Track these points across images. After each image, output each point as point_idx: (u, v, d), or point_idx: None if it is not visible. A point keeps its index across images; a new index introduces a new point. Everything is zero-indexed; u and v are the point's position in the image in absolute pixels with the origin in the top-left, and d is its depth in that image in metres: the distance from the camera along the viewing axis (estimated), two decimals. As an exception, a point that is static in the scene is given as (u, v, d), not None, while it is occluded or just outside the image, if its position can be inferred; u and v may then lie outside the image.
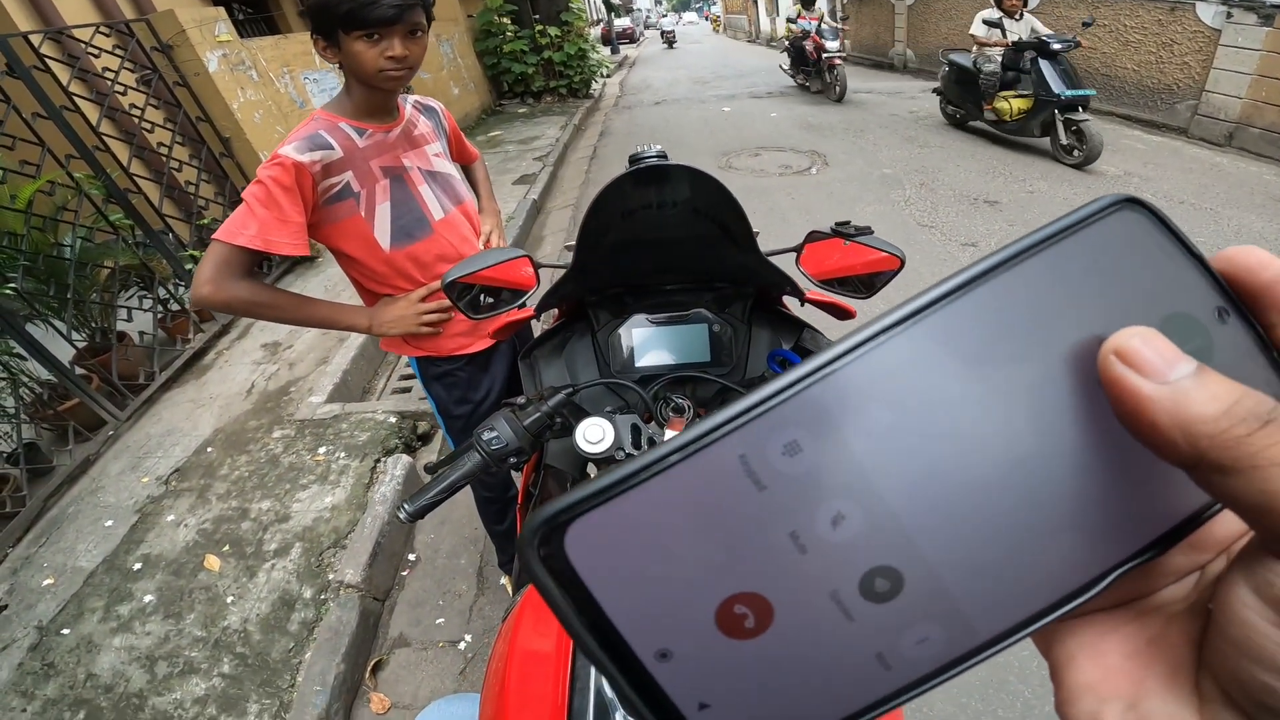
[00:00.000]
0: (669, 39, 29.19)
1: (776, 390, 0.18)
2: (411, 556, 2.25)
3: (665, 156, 1.01)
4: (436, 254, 1.41)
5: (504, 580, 2.08)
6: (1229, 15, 5.66)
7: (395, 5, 1.10)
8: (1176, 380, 0.17)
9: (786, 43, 10.72)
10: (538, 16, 11.21)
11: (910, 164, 5.91)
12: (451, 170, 1.48)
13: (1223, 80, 5.85)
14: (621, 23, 33.57)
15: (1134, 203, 0.19)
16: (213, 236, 1.19)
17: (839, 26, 9.38)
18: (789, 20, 10.33)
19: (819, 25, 9.29)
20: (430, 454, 2.66)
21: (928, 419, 0.18)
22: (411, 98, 1.46)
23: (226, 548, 2.16)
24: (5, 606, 2.05)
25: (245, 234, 1.16)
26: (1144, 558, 0.20)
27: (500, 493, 1.82)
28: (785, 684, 0.19)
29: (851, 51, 15.34)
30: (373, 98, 1.27)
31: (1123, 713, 0.19)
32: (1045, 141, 5.79)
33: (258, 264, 1.25)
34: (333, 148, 1.22)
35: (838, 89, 9.09)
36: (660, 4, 79.96)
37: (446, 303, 1.39)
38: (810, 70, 9.87)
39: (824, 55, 9.05)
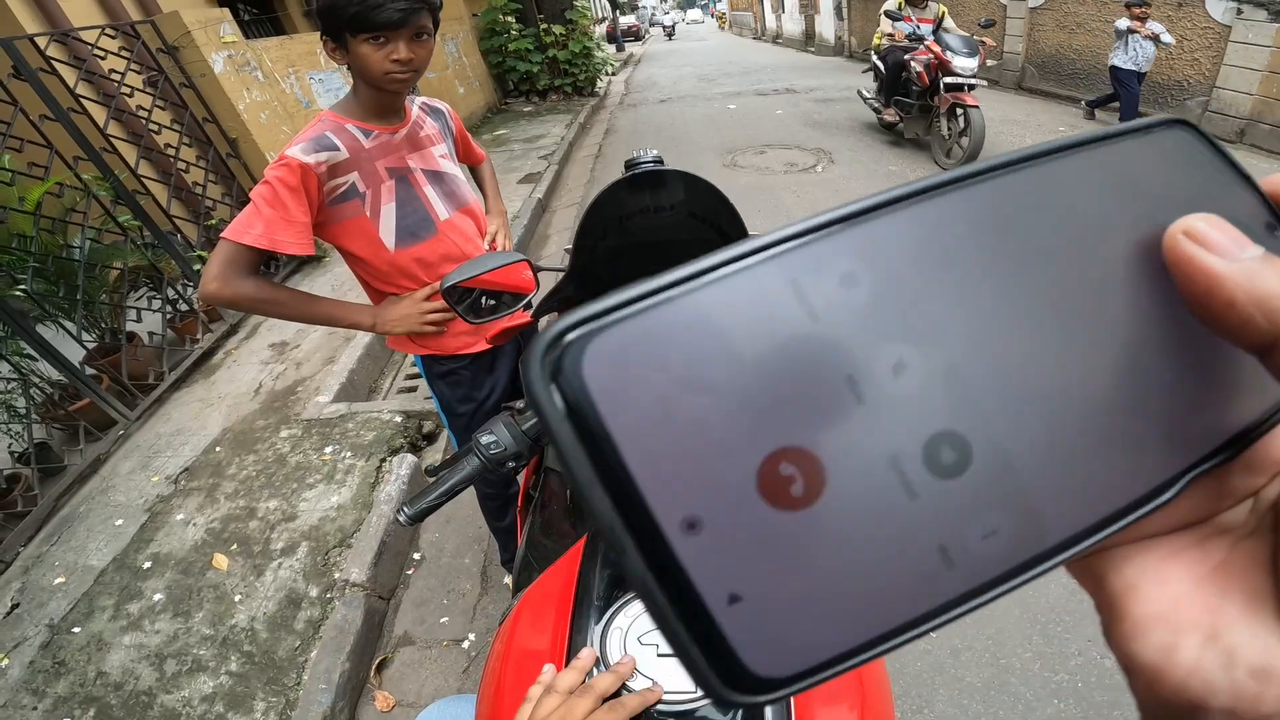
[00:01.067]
0: (669, 32, 35.67)
1: (836, 218, 0.16)
2: (416, 555, 2.27)
3: (661, 161, 1.01)
4: (441, 254, 1.42)
5: (507, 579, 2.09)
6: (1239, 12, 5.61)
7: (402, 9, 1.12)
8: (1247, 259, 0.16)
9: (875, 56, 6.49)
10: (542, 15, 11.21)
11: (917, 161, 5.88)
12: (457, 172, 1.49)
13: (1233, 77, 5.80)
14: (626, 20, 33.70)
15: (1184, 123, 0.19)
16: (220, 235, 1.21)
17: (978, 38, 5.47)
18: (887, 14, 5.94)
19: (937, 29, 5.41)
20: (436, 454, 2.67)
21: (992, 283, 0.17)
22: (419, 99, 1.47)
23: (234, 546, 2.18)
24: (17, 605, 2.08)
25: (252, 233, 1.19)
26: (1217, 459, 0.18)
27: (501, 489, 1.83)
28: (834, 576, 0.16)
29: (858, 47, 15.20)
30: (379, 99, 1.29)
31: (1203, 644, 0.17)
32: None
33: (264, 262, 1.27)
34: (339, 149, 1.24)
35: (966, 144, 4.96)
36: (665, 1, 79.80)
37: None
38: (911, 106, 5.88)
39: (945, 82, 5.11)
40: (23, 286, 2.71)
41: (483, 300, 1.06)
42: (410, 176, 1.36)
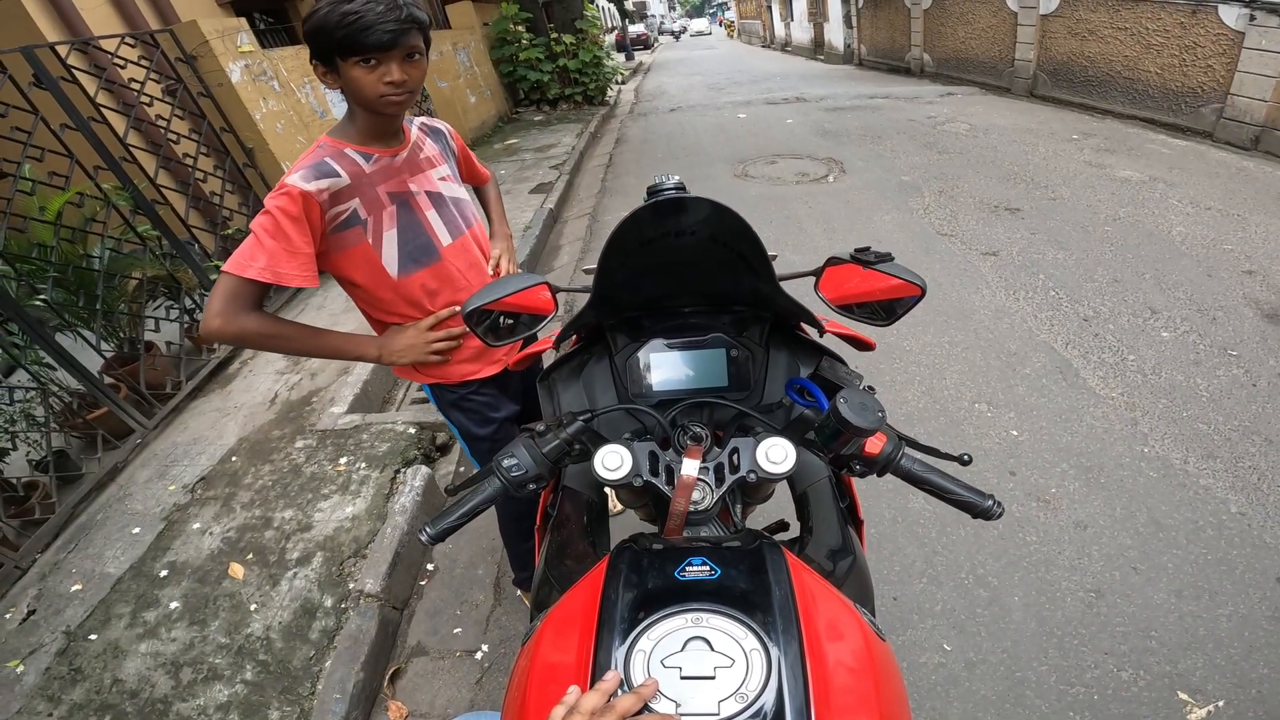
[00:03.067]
0: (676, 35, 43.76)
1: None
2: (430, 566, 2.27)
3: (684, 187, 1.02)
4: (444, 280, 1.40)
5: (519, 593, 2.09)
6: (1252, 18, 5.58)
7: (390, 30, 1.08)
8: None
9: None
10: (552, 24, 11.30)
11: (929, 171, 5.87)
12: (460, 193, 1.46)
13: (1247, 83, 5.76)
14: (636, 29, 33.95)
15: None
16: (221, 269, 1.17)
17: None
18: None
19: None
20: (449, 464, 2.68)
21: None
22: (418, 120, 1.44)
23: (250, 556, 2.20)
24: (34, 611, 2.10)
25: (254, 266, 1.15)
26: None
27: (530, 508, 1.81)
28: None
29: (866, 55, 15.22)
30: (377, 122, 1.25)
31: None
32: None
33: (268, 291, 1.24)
34: (339, 175, 1.20)
35: None
36: (674, 9, 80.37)
37: (455, 331, 1.38)
38: None
39: None
40: (43, 296, 2.75)
41: (501, 321, 1.07)
42: (412, 200, 1.33)
